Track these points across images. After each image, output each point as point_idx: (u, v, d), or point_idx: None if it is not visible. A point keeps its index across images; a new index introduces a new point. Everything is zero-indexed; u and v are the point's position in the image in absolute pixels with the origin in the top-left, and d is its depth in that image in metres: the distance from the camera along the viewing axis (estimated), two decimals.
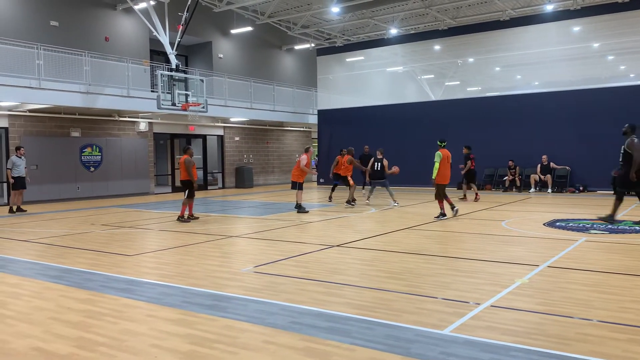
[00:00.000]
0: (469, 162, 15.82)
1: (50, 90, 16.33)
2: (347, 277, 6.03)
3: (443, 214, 11.44)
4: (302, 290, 5.46)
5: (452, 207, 11.64)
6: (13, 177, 14.33)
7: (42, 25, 18.21)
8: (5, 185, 17.20)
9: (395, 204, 14.31)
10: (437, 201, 11.59)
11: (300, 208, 13.18)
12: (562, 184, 18.71)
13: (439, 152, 11.47)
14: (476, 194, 15.83)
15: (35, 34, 17.60)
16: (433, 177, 11.40)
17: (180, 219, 11.77)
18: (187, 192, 11.76)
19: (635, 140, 9.65)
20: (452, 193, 16.59)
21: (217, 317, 4.61)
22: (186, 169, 11.75)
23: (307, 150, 13.90)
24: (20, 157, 14.56)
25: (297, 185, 13.36)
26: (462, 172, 16.03)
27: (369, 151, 17.99)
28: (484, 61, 23.91)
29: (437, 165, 11.32)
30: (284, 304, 4.94)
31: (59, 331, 4.31)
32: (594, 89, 19.26)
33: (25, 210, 14.69)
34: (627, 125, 9.90)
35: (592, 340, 3.86)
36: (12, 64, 15.61)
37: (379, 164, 14.63)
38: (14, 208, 14.52)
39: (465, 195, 16.16)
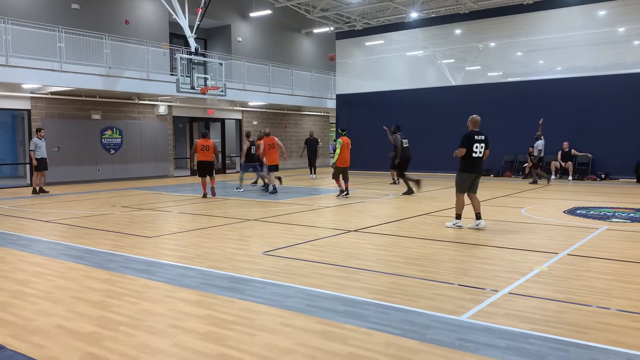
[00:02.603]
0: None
1: (71, 73, 16.51)
2: (363, 262, 6.04)
3: (342, 191, 12.82)
4: (319, 274, 5.49)
5: (343, 190, 12.84)
6: (36, 159, 14.57)
7: (64, 8, 18.34)
8: (28, 166, 17.51)
9: (256, 185, 14.96)
10: (335, 182, 12.92)
11: (274, 189, 14.08)
12: (584, 172, 18.44)
13: (339, 140, 12.66)
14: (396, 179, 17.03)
15: (57, 17, 17.74)
16: (334, 161, 12.71)
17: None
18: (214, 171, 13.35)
19: (398, 136, 14.16)
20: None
21: (235, 299, 4.66)
22: (215, 151, 13.21)
23: (268, 135, 14.60)
24: (41, 139, 14.78)
25: (276, 168, 14.34)
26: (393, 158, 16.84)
27: (312, 135, 20.23)
28: (506, 46, 23.52)
29: (338, 151, 12.53)
30: (301, 287, 4.97)
31: (81, 310, 4.40)
32: (619, 74, 18.84)
33: (48, 192, 14.95)
34: (394, 125, 14.25)
35: (612, 329, 3.82)
36: (34, 46, 15.79)
37: (254, 147, 15.00)
38: (37, 189, 14.78)
39: (395, 180, 17.12)
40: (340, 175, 12.79)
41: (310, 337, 3.72)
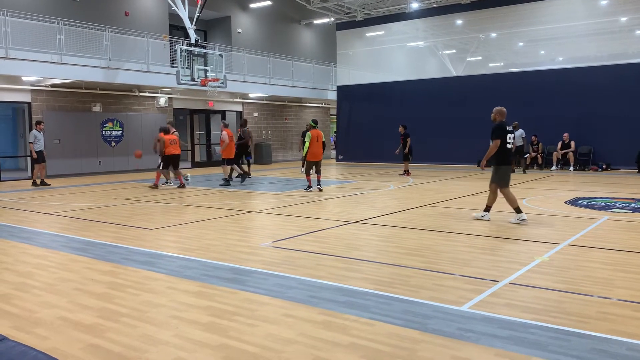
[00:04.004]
0: (408, 140, 16.42)
1: (72, 65, 16.47)
2: (365, 253, 6.06)
3: (310, 187, 12.38)
4: (321, 265, 5.50)
5: (311, 186, 12.41)
6: (35, 152, 14.53)
7: (63, 0, 18.26)
8: (29, 159, 17.51)
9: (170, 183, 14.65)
10: (306, 175, 12.46)
11: (226, 182, 14.13)
12: (585, 162, 18.41)
13: (309, 133, 12.24)
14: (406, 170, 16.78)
15: (56, 8, 17.67)
16: (304, 154, 12.38)
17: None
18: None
19: (247, 129, 15.70)
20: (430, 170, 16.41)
21: (236, 290, 4.67)
22: (180, 144, 14.20)
23: (227, 126, 14.45)
24: (40, 132, 14.70)
25: (229, 162, 14.35)
26: (404, 152, 16.44)
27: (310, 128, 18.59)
28: (507, 36, 23.41)
29: (307, 144, 12.14)
30: (303, 279, 4.98)
31: (83, 302, 4.42)
32: (621, 64, 18.77)
33: (49, 184, 14.96)
34: (242, 119, 15.57)
35: (613, 319, 3.83)
36: (34, 39, 15.74)
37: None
38: (38, 182, 14.79)
39: (407, 171, 16.74)
40: (312, 170, 12.42)
41: (312, 328, 3.74)
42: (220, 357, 3.29)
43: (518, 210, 7.93)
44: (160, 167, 13.95)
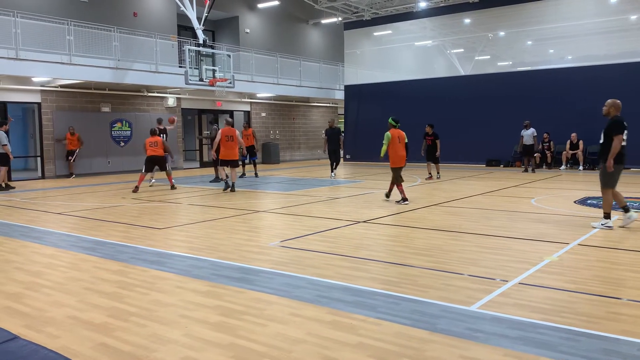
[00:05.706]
0: (438, 141, 15.08)
1: (81, 66, 16.57)
2: (373, 253, 6.05)
3: (405, 199, 10.15)
4: (329, 264, 5.50)
5: (405, 199, 10.24)
6: (0, 153, 13.72)
7: (72, 1, 18.38)
8: (39, 159, 17.65)
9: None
10: (397, 186, 10.43)
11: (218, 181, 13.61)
12: (595, 161, 18.27)
13: (387, 133, 10.36)
14: (430, 174, 15.37)
15: (66, 9, 17.79)
16: (381, 156, 10.47)
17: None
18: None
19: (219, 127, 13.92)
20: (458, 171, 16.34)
21: (245, 289, 4.68)
22: (165, 147, 13.53)
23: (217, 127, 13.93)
24: (4, 133, 13.88)
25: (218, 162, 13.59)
26: (435, 154, 15.11)
27: (333, 125, 16.49)
28: (516, 35, 23.29)
29: (384, 146, 10.33)
30: (311, 278, 4.99)
31: (93, 301, 4.45)
32: (631, 62, 18.61)
33: (14, 187, 14.24)
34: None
35: (624, 319, 3.80)
36: (44, 40, 15.84)
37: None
38: (3, 184, 13.90)
39: (431, 174, 15.42)
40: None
41: (320, 327, 3.74)
42: (229, 356, 3.30)
43: (608, 216, 7.25)
44: (143, 170, 13.37)
